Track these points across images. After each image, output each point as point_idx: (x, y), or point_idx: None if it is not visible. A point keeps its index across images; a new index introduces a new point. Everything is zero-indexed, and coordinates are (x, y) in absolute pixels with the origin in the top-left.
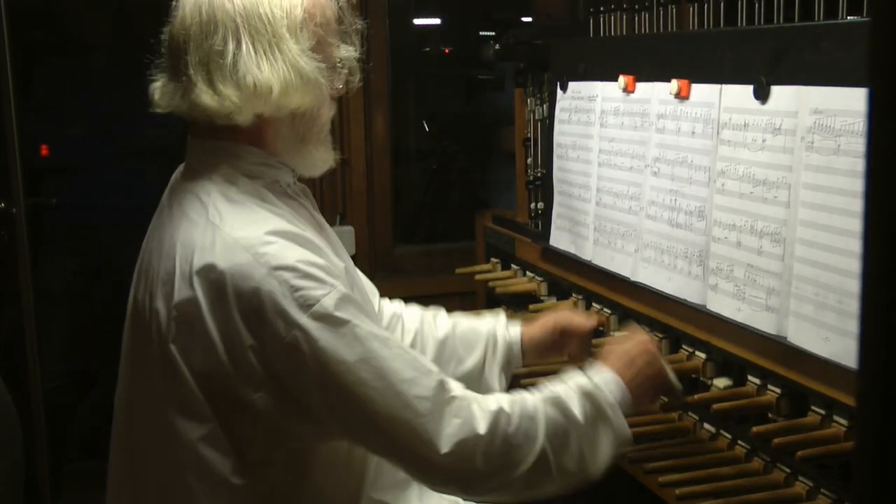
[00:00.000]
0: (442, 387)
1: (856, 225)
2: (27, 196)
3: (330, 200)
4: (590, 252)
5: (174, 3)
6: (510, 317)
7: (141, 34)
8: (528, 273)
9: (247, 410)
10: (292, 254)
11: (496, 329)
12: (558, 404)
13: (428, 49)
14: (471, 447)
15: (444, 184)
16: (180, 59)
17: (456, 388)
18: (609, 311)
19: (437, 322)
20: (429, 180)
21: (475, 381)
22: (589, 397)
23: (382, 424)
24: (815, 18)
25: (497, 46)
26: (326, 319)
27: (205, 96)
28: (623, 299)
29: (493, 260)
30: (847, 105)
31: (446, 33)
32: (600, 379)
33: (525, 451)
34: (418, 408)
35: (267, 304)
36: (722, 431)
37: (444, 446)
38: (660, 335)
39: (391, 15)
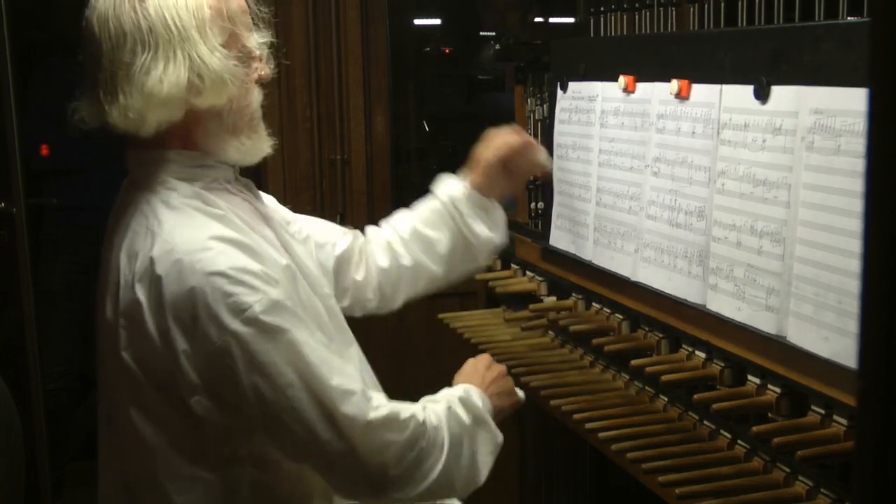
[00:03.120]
0: (364, 393)
1: (856, 225)
2: (27, 196)
3: (330, 200)
4: (590, 252)
5: (83, 22)
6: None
7: None
8: (527, 273)
9: (191, 414)
10: (226, 260)
11: (448, 194)
12: (452, 415)
13: (428, 49)
14: (386, 444)
15: None
16: (95, 76)
17: (377, 397)
18: (609, 311)
19: (398, 226)
20: (428, 180)
21: (468, 249)
22: (465, 404)
23: (307, 423)
24: (816, 18)
25: (497, 46)
26: (257, 325)
27: (113, 111)
28: (623, 299)
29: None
30: (847, 105)
31: (446, 33)
32: (463, 390)
33: (434, 458)
34: (341, 409)
35: (200, 308)
36: (722, 431)
37: (360, 445)
38: (660, 335)
39: (391, 15)
